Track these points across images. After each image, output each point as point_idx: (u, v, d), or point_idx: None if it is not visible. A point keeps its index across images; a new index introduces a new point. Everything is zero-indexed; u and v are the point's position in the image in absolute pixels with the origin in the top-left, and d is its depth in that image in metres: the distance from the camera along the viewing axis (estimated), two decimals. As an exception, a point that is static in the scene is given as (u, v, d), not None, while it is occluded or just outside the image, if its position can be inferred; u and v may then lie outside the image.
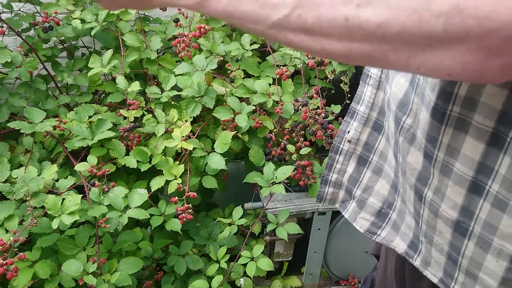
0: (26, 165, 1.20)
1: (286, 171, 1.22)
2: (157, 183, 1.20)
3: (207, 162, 1.24)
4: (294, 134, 1.31)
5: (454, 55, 0.33)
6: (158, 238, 1.35)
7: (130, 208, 1.14)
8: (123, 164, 1.22)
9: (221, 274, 1.24)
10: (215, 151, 1.24)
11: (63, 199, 1.08)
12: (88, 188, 1.15)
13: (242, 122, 1.24)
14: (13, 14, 1.44)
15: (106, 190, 1.16)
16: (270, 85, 1.32)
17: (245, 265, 1.27)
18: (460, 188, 0.51)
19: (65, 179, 1.16)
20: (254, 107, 1.28)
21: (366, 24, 0.33)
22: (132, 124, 1.26)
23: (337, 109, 1.35)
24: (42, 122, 1.21)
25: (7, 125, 1.19)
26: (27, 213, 1.08)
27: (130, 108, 1.27)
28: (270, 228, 1.28)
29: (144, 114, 1.31)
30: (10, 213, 1.08)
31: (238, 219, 1.29)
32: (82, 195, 1.11)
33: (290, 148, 1.28)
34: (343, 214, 0.74)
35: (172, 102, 1.33)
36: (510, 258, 0.50)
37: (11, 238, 1.02)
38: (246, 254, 1.28)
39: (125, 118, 1.29)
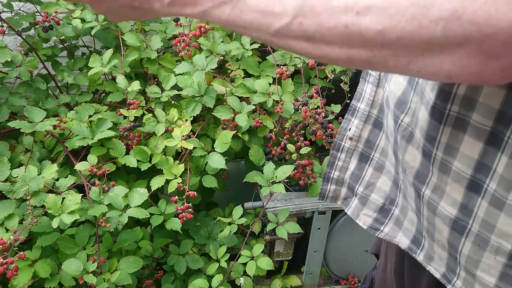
0: (26, 164, 1.20)
1: (286, 171, 1.22)
2: (157, 183, 1.20)
3: (207, 162, 1.24)
4: (294, 133, 1.31)
5: (453, 60, 0.33)
6: (158, 237, 1.35)
7: (130, 207, 1.14)
8: (123, 163, 1.22)
9: (221, 273, 1.24)
10: (215, 151, 1.24)
11: (63, 198, 1.08)
12: (88, 187, 1.15)
13: (242, 121, 1.25)
14: (13, 14, 1.44)
15: (106, 189, 1.16)
16: (270, 84, 1.32)
17: (245, 264, 1.27)
18: (459, 186, 0.51)
19: (65, 178, 1.17)
20: (254, 107, 1.28)
21: (365, 31, 0.34)
22: (132, 123, 1.26)
23: (337, 108, 1.35)
24: (42, 121, 1.21)
25: (7, 124, 1.19)
26: (27, 212, 1.08)
27: (130, 107, 1.27)
28: (270, 227, 1.28)
29: (144, 113, 1.31)
30: (10, 212, 1.08)
31: (238, 219, 1.29)
32: (82, 194, 1.11)
33: (290, 147, 1.28)
34: (346, 211, 0.75)
35: (172, 102, 1.33)
36: (507, 255, 0.50)
37: (11, 237, 1.02)
38: (246, 253, 1.28)
39: (125, 117, 1.29)
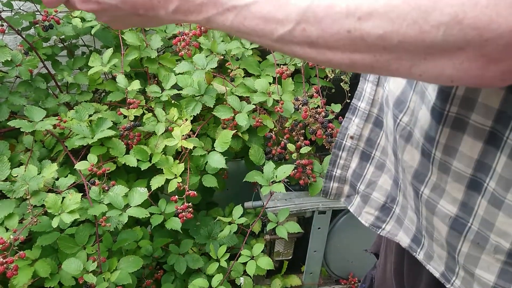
0: (26, 163, 1.20)
1: (286, 170, 1.22)
2: (157, 182, 1.20)
3: (207, 161, 1.24)
4: (294, 133, 1.31)
5: (454, 63, 0.34)
6: (158, 237, 1.35)
7: (130, 206, 1.14)
8: (123, 163, 1.22)
9: (221, 273, 1.24)
10: (215, 150, 1.24)
11: (63, 198, 1.08)
12: (88, 186, 1.15)
13: (242, 121, 1.24)
14: (13, 13, 1.44)
15: (106, 188, 1.16)
16: (270, 84, 1.32)
17: (245, 264, 1.27)
18: (459, 184, 0.51)
19: (65, 178, 1.17)
20: (254, 106, 1.28)
21: (367, 36, 0.34)
22: (132, 123, 1.26)
23: (337, 108, 1.35)
24: (42, 120, 1.21)
25: (7, 123, 1.19)
26: (27, 211, 1.08)
27: (130, 107, 1.27)
28: (270, 227, 1.28)
29: (144, 113, 1.31)
30: (10, 211, 1.08)
31: (238, 218, 1.29)
32: (82, 194, 1.11)
33: (290, 147, 1.28)
34: (349, 208, 0.75)
35: (172, 101, 1.33)
36: (506, 254, 0.50)
37: (11, 237, 1.02)
38: (246, 253, 1.28)
39: (125, 117, 1.29)
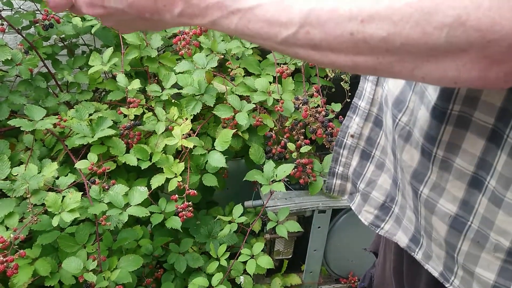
0: (26, 162, 1.20)
1: (286, 169, 1.22)
2: (157, 181, 1.20)
3: (207, 160, 1.24)
4: (294, 132, 1.31)
5: (457, 65, 0.34)
6: (158, 235, 1.35)
7: (130, 205, 1.14)
8: (123, 162, 1.22)
9: (221, 271, 1.24)
10: (216, 149, 1.24)
11: (63, 197, 1.08)
12: (88, 185, 1.15)
13: (243, 120, 1.25)
14: (13, 12, 1.44)
15: (106, 187, 1.17)
16: (270, 83, 1.32)
17: (245, 262, 1.27)
18: (460, 182, 0.51)
19: (65, 177, 1.17)
20: (254, 105, 1.28)
21: (370, 38, 0.35)
22: (132, 122, 1.26)
23: (337, 107, 1.35)
24: (43, 120, 1.21)
25: (8, 122, 1.19)
26: (27, 210, 1.08)
27: (131, 106, 1.27)
28: (270, 226, 1.28)
29: (144, 112, 1.31)
30: (10, 210, 1.08)
31: (238, 217, 1.29)
32: (82, 193, 1.11)
33: (290, 146, 1.28)
34: (351, 206, 0.76)
35: (172, 100, 1.33)
36: (506, 252, 0.50)
37: (12, 236, 1.02)
38: (246, 252, 1.28)
39: (125, 116, 1.29)
